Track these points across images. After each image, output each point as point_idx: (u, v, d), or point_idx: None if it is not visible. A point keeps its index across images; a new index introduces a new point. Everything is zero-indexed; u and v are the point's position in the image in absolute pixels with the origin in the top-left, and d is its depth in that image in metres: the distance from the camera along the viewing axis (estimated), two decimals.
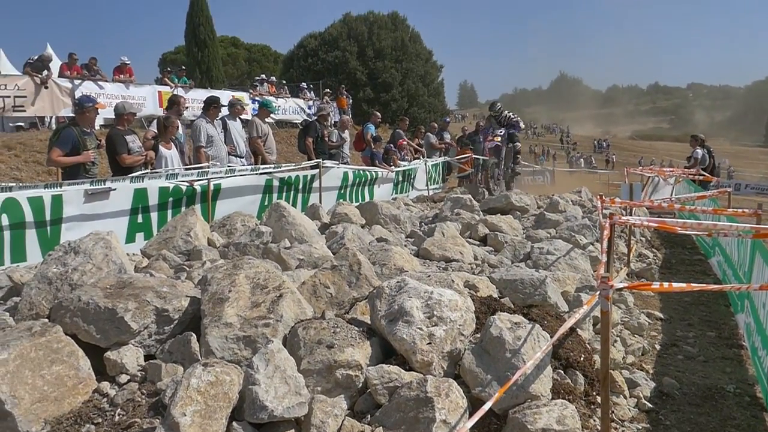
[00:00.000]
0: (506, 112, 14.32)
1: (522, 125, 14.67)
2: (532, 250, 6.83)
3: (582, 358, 4.02)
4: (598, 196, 7.15)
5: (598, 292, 3.03)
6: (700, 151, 15.36)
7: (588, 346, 4.40)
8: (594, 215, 9.17)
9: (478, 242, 7.72)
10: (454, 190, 14.09)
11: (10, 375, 3.01)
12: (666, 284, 3.36)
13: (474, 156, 17.00)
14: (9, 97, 15.50)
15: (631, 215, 8.31)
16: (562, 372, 3.83)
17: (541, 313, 4.41)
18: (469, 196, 10.30)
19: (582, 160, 53.87)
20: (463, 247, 6.78)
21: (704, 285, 3.66)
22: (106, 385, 3.35)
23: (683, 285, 3.44)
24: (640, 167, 21.33)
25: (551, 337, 3.55)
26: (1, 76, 15.71)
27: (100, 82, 17.85)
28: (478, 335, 3.67)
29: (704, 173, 14.15)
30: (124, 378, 3.40)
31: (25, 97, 15.89)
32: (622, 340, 5.27)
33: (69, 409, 3.16)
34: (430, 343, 3.37)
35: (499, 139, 13.79)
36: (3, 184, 6.75)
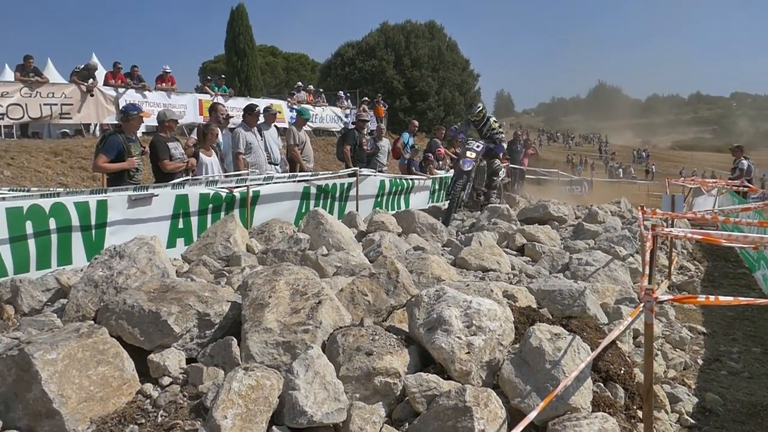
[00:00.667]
0: (492, 120, 11.13)
1: (505, 146, 11.37)
2: (571, 261, 6.76)
3: (622, 371, 3.95)
4: (639, 207, 7.04)
5: (642, 305, 2.99)
6: (746, 162, 15.02)
7: (628, 359, 4.33)
8: (634, 226, 9.02)
9: (515, 252, 7.68)
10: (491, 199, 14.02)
11: (59, 374, 3.10)
12: (712, 297, 3.30)
13: (511, 165, 16.92)
14: (56, 104, 15.95)
15: (673, 227, 8.15)
16: (602, 385, 3.78)
17: (581, 324, 4.36)
18: (506, 205, 10.25)
19: (621, 170, 53.04)
20: (501, 256, 6.74)
21: (752, 299, 3.56)
22: (149, 387, 3.42)
23: (730, 299, 3.37)
24: (682, 178, 20.87)
25: (591, 349, 3.51)
26: (49, 84, 16.17)
27: (142, 91, 18.26)
28: (517, 345, 3.65)
29: (749, 185, 13.82)
30: (166, 380, 3.47)
31: (72, 104, 16.34)
32: (663, 354, 5.17)
33: (114, 409, 3.23)
34: (468, 353, 3.36)
35: (474, 155, 10.30)
36: (51, 189, 6.95)
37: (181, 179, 7.68)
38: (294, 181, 9.09)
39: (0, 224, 5.95)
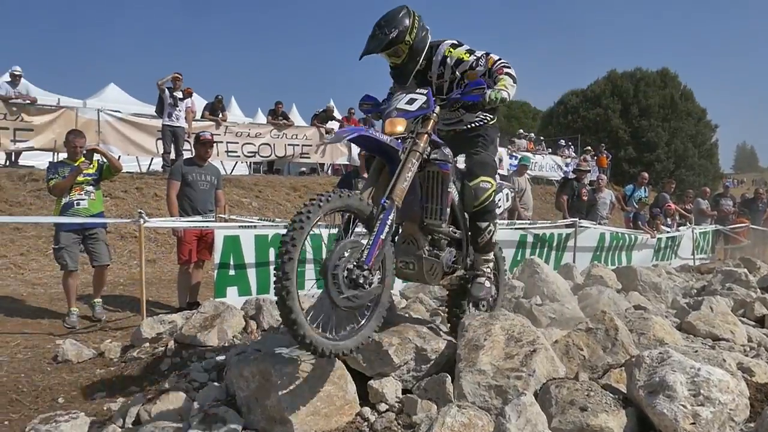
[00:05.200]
0: (451, 45, 4.09)
1: (506, 91, 3.79)
2: None
3: None
4: None
5: None
6: None
7: None
8: None
9: (753, 323, 6.92)
10: (725, 262, 12.78)
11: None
12: None
13: (751, 226, 15.31)
14: (298, 145, 17.82)
15: None
16: None
17: None
18: (745, 270, 9.28)
19: None
20: (735, 326, 6.13)
21: None
22: (367, 410, 3.66)
23: None
24: None
25: None
26: (294, 127, 18.16)
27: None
28: (752, 425, 3.31)
29: None
30: (383, 407, 3.69)
31: (311, 145, 18.12)
32: None
33: (335, 426, 3.51)
34: (694, 423, 3.13)
35: (402, 127, 3.55)
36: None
37: None
38: (511, 228, 9.14)
39: (249, 249, 6.82)
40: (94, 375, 5.09)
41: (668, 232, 13.48)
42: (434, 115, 3.68)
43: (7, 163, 13.81)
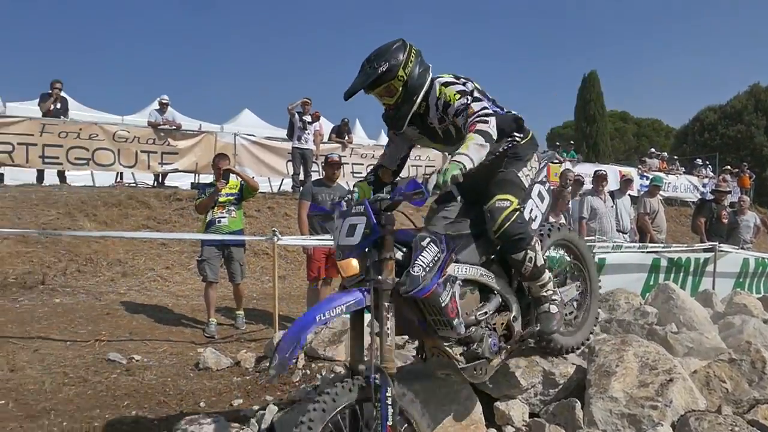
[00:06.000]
0: (455, 88, 3.42)
1: (465, 157, 3.07)
2: None
3: None
4: None
5: None
6: None
7: None
8: None
9: None
10: None
11: (416, 403, 3.49)
12: None
13: None
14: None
15: None
16: None
17: None
18: None
19: None
20: None
21: None
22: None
23: None
24: None
25: None
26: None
27: None
28: None
29: None
30: (509, 429, 3.65)
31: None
32: None
33: None
34: None
35: (354, 265, 3.00)
36: None
37: None
38: (643, 252, 8.76)
39: None
40: (231, 382, 5.42)
41: None
42: (386, 229, 3.00)
43: (155, 184, 15.07)
